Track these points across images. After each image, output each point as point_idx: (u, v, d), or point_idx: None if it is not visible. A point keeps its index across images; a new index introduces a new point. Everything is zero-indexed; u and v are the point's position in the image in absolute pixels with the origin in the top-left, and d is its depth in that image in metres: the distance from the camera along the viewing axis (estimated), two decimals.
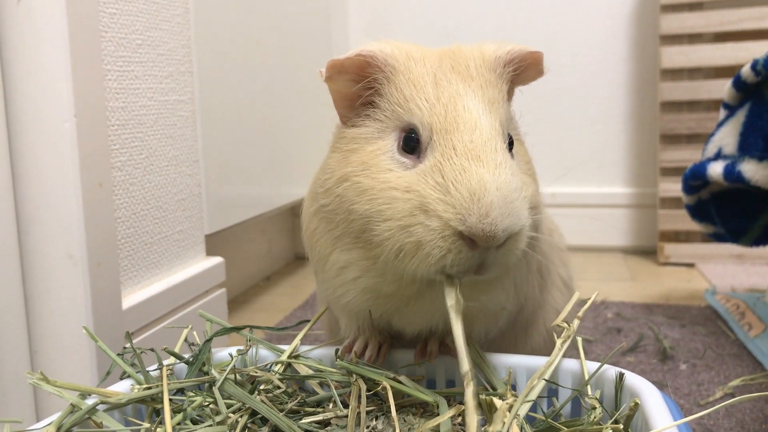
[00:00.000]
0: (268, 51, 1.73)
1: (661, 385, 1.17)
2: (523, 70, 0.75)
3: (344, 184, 0.70)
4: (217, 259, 1.41)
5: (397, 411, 0.74)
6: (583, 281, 1.92)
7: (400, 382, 0.73)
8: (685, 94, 2.04)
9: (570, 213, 2.29)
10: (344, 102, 0.75)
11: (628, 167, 2.29)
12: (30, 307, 1.00)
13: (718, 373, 1.21)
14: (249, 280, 2.00)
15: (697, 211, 1.51)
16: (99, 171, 1.02)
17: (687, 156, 2.04)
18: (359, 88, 0.73)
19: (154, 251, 1.21)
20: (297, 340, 0.86)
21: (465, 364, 0.61)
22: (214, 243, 1.53)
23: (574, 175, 2.33)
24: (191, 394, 0.78)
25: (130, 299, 1.11)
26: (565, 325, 0.77)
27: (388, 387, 0.71)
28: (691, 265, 2.06)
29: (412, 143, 0.68)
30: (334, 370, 0.80)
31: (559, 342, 0.75)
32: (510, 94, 0.79)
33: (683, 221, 2.02)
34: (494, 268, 0.65)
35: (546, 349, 0.94)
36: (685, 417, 0.62)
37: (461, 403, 0.75)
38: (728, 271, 1.94)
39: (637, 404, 0.62)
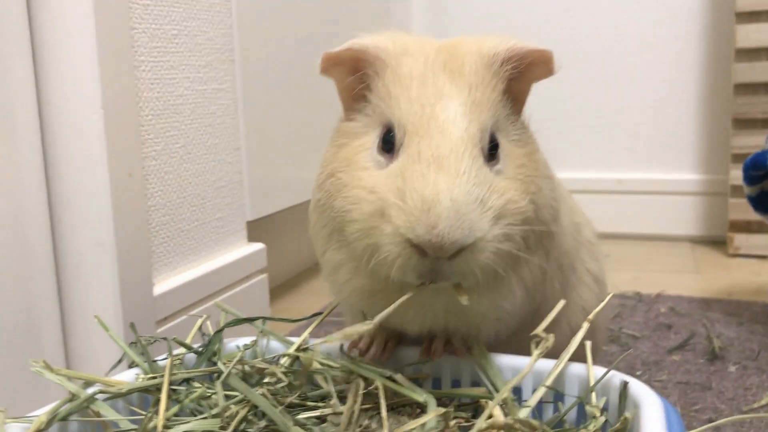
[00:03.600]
0: (314, 36, 1.71)
1: (704, 388, 1.11)
2: (527, 67, 0.71)
3: (330, 179, 0.69)
4: (258, 245, 1.43)
5: (394, 410, 0.73)
6: (644, 272, 1.85)
7: (395, 381, 0.72)
8: (761, 76, 1.91)
9: (636, 200, 2.19)
10: (343, 95, 0.74)
11: (698, 153, 2.17)
12: (63, 294, 1.04)
13: None
14: (297, 266, 2.01)
15: (759, 203, 1.42)
16: (129, 161, 1.04)
17: (761, 142, 1.91)
18: (353, 81, 0.71)
19: (191, 238, 1.24)
20: (306, 334, 0.86)
21: None
22: (258, 229, 1.55)
23: (641, 161, 2.23)
24: (197, 384, 0.78)
25: (162, 285, 1.14)
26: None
27: (380, 386, 0.70)
28: (763, 257, 1.94)
29: (390, 142, 0.67)
30: (340, 364, 0.79)
31: (569, 350, 0.72)
32: (523, 91, 0.75)
33: None
34: (454, 277, 0.63)
35: None
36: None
37: (463, 404, 0.74)
38: None
39: (626, 419, 0.58)
